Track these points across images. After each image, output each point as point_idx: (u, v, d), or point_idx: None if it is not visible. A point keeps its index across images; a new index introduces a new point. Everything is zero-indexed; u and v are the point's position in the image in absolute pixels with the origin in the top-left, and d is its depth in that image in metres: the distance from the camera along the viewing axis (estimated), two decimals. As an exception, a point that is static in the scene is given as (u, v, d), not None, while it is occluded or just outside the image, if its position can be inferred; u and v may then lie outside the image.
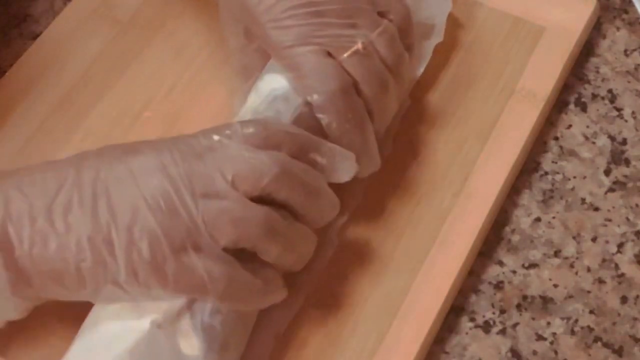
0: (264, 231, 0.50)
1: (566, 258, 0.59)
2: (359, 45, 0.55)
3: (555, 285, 0.58)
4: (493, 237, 0.60)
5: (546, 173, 0.62)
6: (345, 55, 0.55)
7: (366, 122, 0.56)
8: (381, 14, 0.57)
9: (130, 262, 0.48)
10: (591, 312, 0.57)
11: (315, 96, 0.55)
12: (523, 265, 0.59)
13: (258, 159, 0.50)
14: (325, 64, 0.55)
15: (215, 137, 0.51)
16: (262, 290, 0.51)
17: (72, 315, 0.52)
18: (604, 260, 0.59)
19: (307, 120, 0.55)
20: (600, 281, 0.58)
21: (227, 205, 0.49)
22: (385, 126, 0.58)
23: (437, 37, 0.63)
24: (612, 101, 0.65)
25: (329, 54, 0.55)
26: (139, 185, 0.49)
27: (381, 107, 0.57)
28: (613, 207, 0.61)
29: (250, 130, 0.51)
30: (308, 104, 0.55)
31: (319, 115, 0.55)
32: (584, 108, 0.65)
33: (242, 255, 0.50)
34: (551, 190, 0.61)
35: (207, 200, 0.49)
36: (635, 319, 0.57)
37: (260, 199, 0.50)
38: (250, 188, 0.50)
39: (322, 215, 0.53)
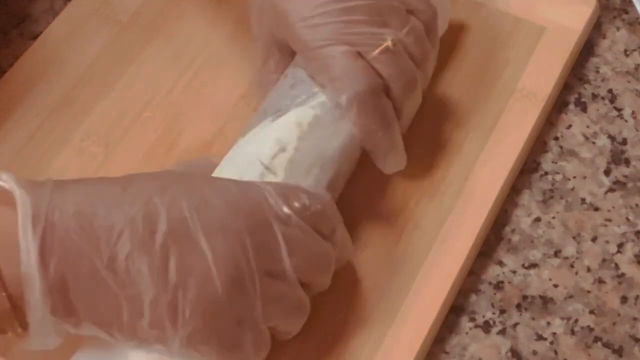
0: (302, 320, 0.52)
1: (566, 258, 0.59)
2: (389, 43, 0.55)
3: (555, 285, 0.58)
4: (493, 237, 0.60)
5: (546, 173, 0.62)
6: (375, 53, 0.55)
7: (394, 122, 0.56)
8: (409, 12, 0.57)
9: (189, 330, 0.47)
10: (591, 312, 0.57)
11: (343, 97, 0.55)
12: (523, 265, 0.59)
13: (321, 253, 0.51)
14: (354, 66, 0.55)
15: (286, 210, 0.50)
16: None
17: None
18: (604, 260, 0.59)
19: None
20: (600, 281, 0.58)
21: (285, 291, 0.50)
22: (410, 121, 0.59)
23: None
24: (612, 101, 0.65)
25: (359, 54, 0.55)
26: (212, 247, 0.47)
27: (409, 105, 0.57)
28: (613, 207, 0.61)
29: (317, 208, 0.51)
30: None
31: (348, 116, 0.55)
32: (584, 108, 0.65)
33: None
34: (551, 190, 0.61)
35: (269, 279, 0.49)
36: (635, 319, 0.57)
37: None
38: (305, 278, 0.51)
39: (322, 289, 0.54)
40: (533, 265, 0.59)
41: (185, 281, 0.47)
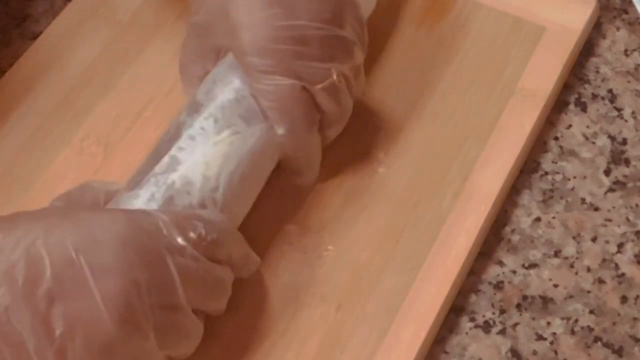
0: (195, 345, 0.51)
1: (566, 258, 0.59)
2: (335, 78, 0.55)
3: (555, 285, 0.58)
4: (493, 237, 0.60)
5: (546, 173, 0.62)
6: (320, 86, 0.55)
7: (319, 153, 0.59)
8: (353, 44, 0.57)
9: None
10: (591, 312, 0.57)
11: (280, 129, 0.56)
12: (523, 265, 0.59)
13: (216, 281, 0.50)
14: (298, 101, 0.55)
15: (181, 241, 0.49)
16: None
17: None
18: (604, 260, 0.59)
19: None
20: (600, 281, 0.58)
21: (179, 321, 0.49)
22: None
23: None
24: (612, 101, 0.65)
25: (304, 88, 0.55)
26: (101, 287, 0.46)
27: (335, 134, 0.59)
28: (613, 207, 0.61)
29: (213, 237, 0.50)
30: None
31: (278, 139, 0.56)
32: (584, 108, 0.65)
33: None
34: (551, 190, 0.61)
35: (163, 311, 0.48)
36: (635, 319, 0.57)
37: None
38: (199, 305, 0.50)
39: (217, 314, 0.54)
40: (533, 265, 0.59)
41: (72, 326, 0.45)
